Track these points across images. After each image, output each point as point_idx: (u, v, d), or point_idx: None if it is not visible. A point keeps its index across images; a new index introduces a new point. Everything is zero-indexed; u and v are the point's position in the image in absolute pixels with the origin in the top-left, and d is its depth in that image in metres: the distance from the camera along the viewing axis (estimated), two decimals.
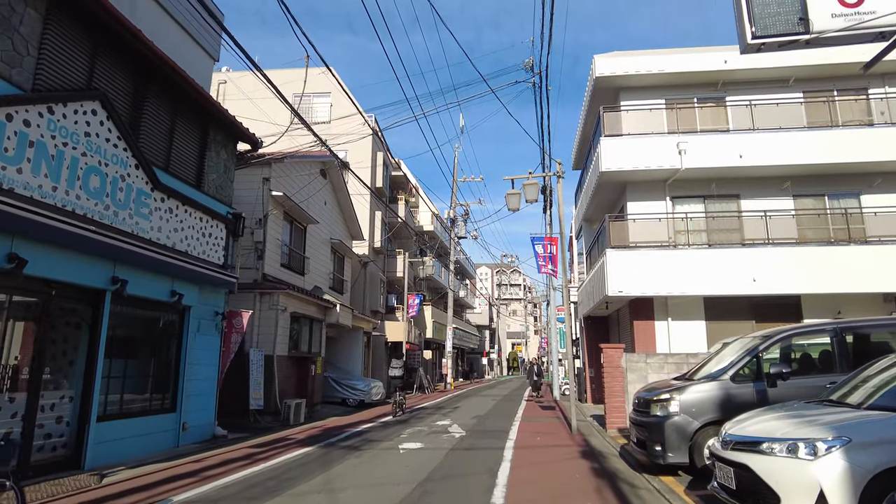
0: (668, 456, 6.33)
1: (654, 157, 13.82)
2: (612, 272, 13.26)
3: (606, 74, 14.77)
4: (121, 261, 7.48)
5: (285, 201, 13.83)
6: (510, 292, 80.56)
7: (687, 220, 13.73)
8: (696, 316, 13.78)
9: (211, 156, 10.15)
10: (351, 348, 19.04)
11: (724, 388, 6.38)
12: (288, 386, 13.33)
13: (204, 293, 9.70)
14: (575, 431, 10.76)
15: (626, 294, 13.28)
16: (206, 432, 9.80)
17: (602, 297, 13.99)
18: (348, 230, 20.45)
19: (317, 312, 15.32)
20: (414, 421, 12.94)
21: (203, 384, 9.72)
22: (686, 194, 14.51)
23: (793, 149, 13.38)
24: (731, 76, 14.55)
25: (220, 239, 10.22)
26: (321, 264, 17.39)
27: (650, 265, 13.25)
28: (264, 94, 13.43)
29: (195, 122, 9.75)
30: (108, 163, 7.35)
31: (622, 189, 15.03)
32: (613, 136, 14.15)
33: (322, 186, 17.55)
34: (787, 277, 12.84)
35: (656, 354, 11.19)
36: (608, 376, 11.07)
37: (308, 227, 16.02)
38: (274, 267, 13.64)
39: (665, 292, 13.16)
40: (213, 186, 10.18)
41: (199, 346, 9.59)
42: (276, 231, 13.84)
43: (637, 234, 13.80)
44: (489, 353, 52.99)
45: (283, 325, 13.05)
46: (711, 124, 14.37)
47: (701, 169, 13.69)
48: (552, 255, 11.10)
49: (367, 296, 22.30)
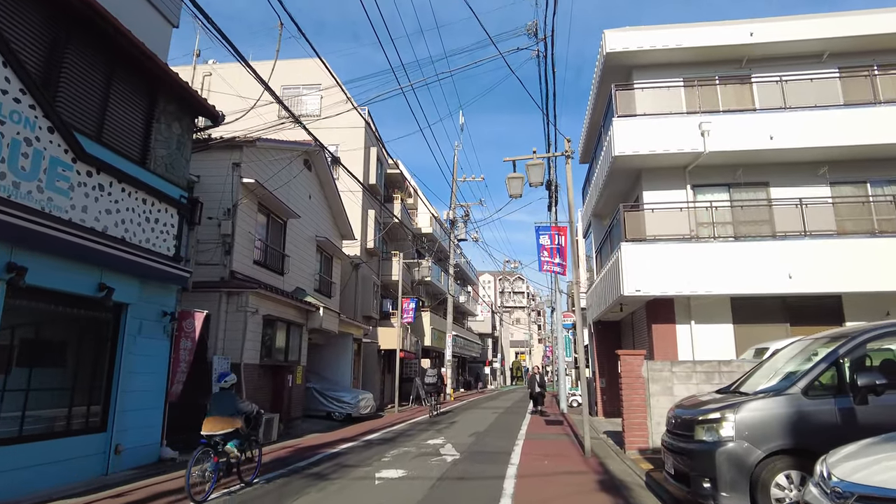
0: (722, 497, 4.73)
1: (673, 139, 12.28)
2: (627, 269, 11.69)
3: (618, 50, 13.28)
4: (20, 243, 5.96)
5: (259, 190, 12.34)
6: (513, 300, 78.82)
7: (712, 209, 12.15)
8: (723, 318, 12.18)
9: (160, 129, 8.66)
10: (339, 357, 17.46)
11: (795, 406, 4.78)
12: (259, 398, 11.74)
13: (148, 289, 8.17)
14: (588, 453, 9.14)
15: (643, 294, 11.69)
16: (149, 455, 8.23)
17: (616, 297, 12.40)
18: (337, 229, 18.95)
19: (297, 316, 13.76)
20: (402, 439, 11.33)
21: (146, 397, 8.16)
22: (708, 182, 12.95)
23: (830, 129, 11.82)
24: (758, 51, 13.04)
25: (170, 227, 8.71)
26: (305, 264, 15.87)
27: (670, 261, 11.67)
28: (251, 87, 12.01)
29: (139, 88, 8.27)
30: (3, 120, 5.86)
31: (637, 177, 13.48)
32: (627, 116, 12.63)
33: (306, 179, 16.07)
34: (825, 274, 11.25)
35: (683, 362, 9.59)
36: (627, 388, 9.47)
37: (289, 222, 14.52)
38: (245, 264, 12.11)
39: (688, 291, 11.57)
40: (162, 164, 8.68)
41: (141, 352, 8.05)
42: (249, 224, 12.34)
43: (655, 226, 12.23)
44: (492, 362, 51.23)
45: (253, 329, 11.51)
46: (735, 105, 12.83)
47: (726, 153, 12.14)
48: (560, 248, 9.53)
49: (358, 300, 20.75)
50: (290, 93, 22.27)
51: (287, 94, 22.27)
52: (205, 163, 11.94)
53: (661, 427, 9.21)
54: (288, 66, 22.29)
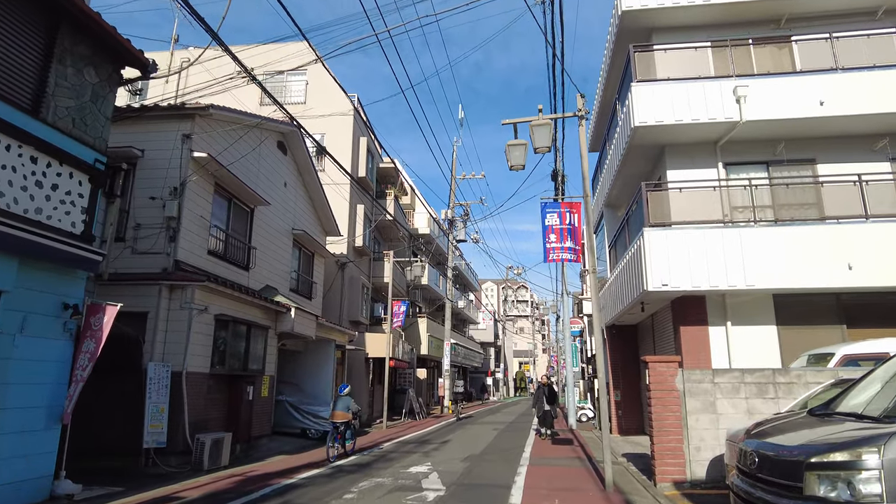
0: None
1: (703, 107, 10.39)
2: (652, 260, 9.76)
3: (636, 8, 11.45)
4: None
5: (214, 167, 10.48)
6: (517, 308, 76.65)
7: (751, 187, 10.20)
8: (764, 319, 10.21)
9: (64, 72, 6.82)
10: (319, 366, 15.49)
11: None
12: (210, 414, 9.81)
13: (34, 273, 6.28)
14: (610, 486, 7.15)
15: (670, 290, 9.73)
16: (37, 491, 6.29)
17: (637, 295, 10.44)
18: (320, 223, 17.07)
19: (262, 318, 11.83)
20: (380, 465, 9.35)
21: (30, 416, 6.24)
22: (743, 160, 11.04)
23: (894, 93, 9.92)
24: (799, 7, 11.18)
25: (77, 196, 6.85)
26: (278, 260, 13.98)
27: (702, 251, 9.74)
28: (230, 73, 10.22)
29: (30, 14, 6.45)
30: None
31: (659, 155, 11.59)
32: (647, 81, 10.74)
33: (281, 163, 14.23)
34: (891, 265, 9.30)
35: (727, 371, 7.61)
36: (657, 403, 7.49)
37: (257, 210, 12.65)
38: (196, 254, 10.23)
39: (725, 286, 9.61)
40: (67, 118, 6.83)
41: (24, 355, 6.14)
42: (202, 207, 10.47)
43: (682, 210, 10.28)
44: (494, 372, 49.03)
45: (201, 330, 9.59)
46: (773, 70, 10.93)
47: (767, 122, 10.24)
48: (572, 229, 7.62)
49: (345, 303, 18.81)
50: (274, 80, 20.50)
51: (270, 81, 20.52)
52: (150, 135, 10.13)
53: (701, 454, 7.25)
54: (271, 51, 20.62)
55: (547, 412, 13.61)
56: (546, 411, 13.61)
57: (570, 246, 7.74)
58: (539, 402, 13.90)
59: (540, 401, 13.86)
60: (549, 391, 13.89)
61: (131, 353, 8.78)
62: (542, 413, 13.69)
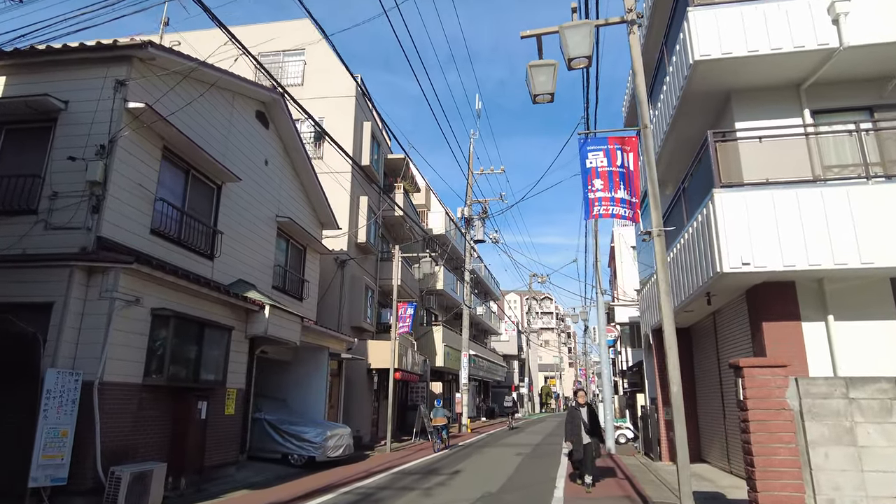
0: None
1: (786, 33, 7.89)
2: (727, 230, 7.25)
3: None
4: None
5: (161, 127, 8.34)
6: (542, 320, 73.48)
7: (859, 132, 7.59)
8: (880, 311, 7.56)
9: None
10: (310, 378, 13.19)
11: None
12: (141, 438, 7.54)
13: None
14: None
15: (754, 269, 7.17)
16: None
17: (707, 280, 7.86)
18: (315, 213, 14.91)
19: (225, 316, 9.58)
20: None
21: None
22: (837, 105, 8.45)
23: None
24: None
25: None
26: (257, 251, 11.79)
27: (794, 217, 7.19)
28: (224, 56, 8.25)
29: None
30: None
31: (723, 103, 9.06)
32: (707, 4, 8.30)
33: (260, 137, 12.10)
34: None
35: (871, 380, 5.02)
36: (759, 429, 4.95)
37: (226, 188, 10.51)
38: (133, 232, 8.07)
39: (830, 264, 7.01)
40: None
41: None
42: (143, 173, 8.34)
43: (758, 166, 7.74)
44: (518, 386, 46.05)
45: (131, 328, 7.38)
46: None
47: (876, 49, 7.66)
48: (625, 173, 5.19)
49: (345, 306, 16.53)
50: (269, 60, 18.59)
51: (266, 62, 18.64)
52: (78, 82, 8.09)
53: None
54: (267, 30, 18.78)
55: (588, 448, 8.65)
56: (587, 446, 8.66)
57: (622, 197, 5.31)
58: (575, 432, 8.85)
59: (576, 429, 8.86)
60: (589, 414, 9.09)
61: (27, 357, 6.60)
62: (583, 448, 8.65)
